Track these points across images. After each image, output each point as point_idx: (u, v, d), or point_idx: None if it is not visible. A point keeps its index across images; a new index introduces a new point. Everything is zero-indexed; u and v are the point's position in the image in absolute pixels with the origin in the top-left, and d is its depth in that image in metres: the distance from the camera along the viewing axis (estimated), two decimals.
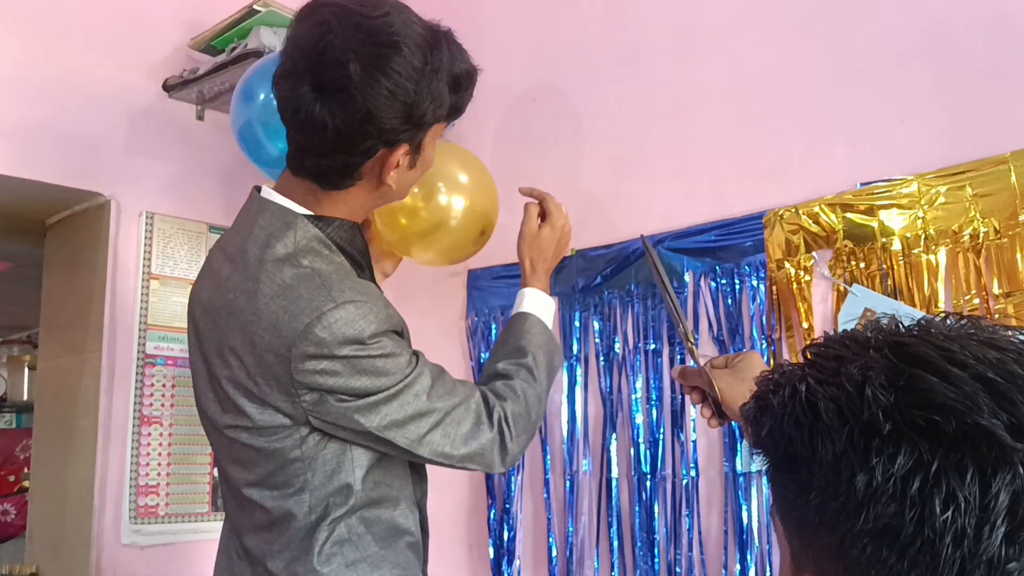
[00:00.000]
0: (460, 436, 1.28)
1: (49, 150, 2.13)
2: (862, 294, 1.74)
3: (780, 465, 0.62)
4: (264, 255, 1.24)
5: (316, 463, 1.25)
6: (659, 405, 2.00)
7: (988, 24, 1.65)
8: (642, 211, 2.10)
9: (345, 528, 1.26)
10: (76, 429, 2.19)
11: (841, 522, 0.56)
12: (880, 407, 0.56)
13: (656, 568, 1.95)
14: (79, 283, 2.27)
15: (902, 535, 0.54)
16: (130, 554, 2.13)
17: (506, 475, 2.22)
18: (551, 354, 1.47)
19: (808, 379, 0.60)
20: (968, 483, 0.53)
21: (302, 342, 1.17)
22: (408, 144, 1.27)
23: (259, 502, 1.27)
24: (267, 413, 1.23)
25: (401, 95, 1.20)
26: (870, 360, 0.58)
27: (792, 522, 0.62)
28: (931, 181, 1.67)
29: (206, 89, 2.30)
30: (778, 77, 1.91)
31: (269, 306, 1.20)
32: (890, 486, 0.54)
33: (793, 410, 0.60)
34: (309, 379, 1.19)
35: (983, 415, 0.54)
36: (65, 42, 2.18)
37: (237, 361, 1.23)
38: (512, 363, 1.41)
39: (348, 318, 1.19)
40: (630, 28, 2.20)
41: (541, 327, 1.49)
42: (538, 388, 1.40)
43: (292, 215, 1.28)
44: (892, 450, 0.55)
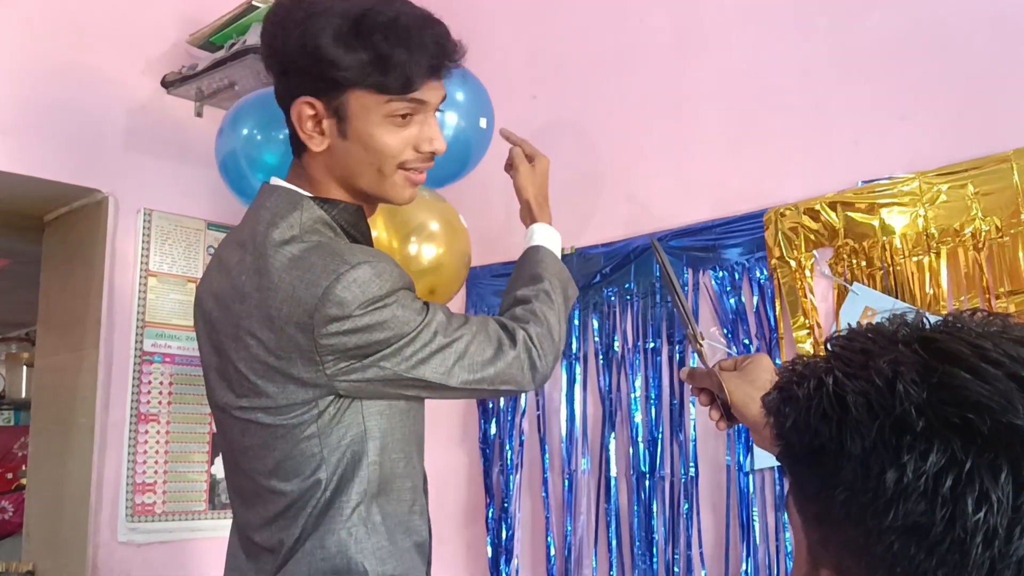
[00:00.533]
0: (485, 360, 1.29)
1: (47, 146, 2.12)
2: (863, 293, 1.73)
3: (803, 458, 0.61)
4: (270, 233, 1.24)
5: (330, 438, 1.24)
6: (658, 404, 1.99)
7: (990, 22, 1.64)
8: (642, 209, 2.09)
9: (362, 513, 1.25)
10: (73, 426, 2.18)
11: (868, 518, 0.55)
12: (912, 403, 0.55)
13: (655, 567, 1.94)
14: (77, 280, 2.26)
15: (932, 533, 0.53)
16: (127, 552, 2.12)
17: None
18: (565, 282, 1.49)
19: (835, 372, 0.59)
20: (1002, 483, 0.52)
21: (324, 306, 1.17)
22: (312, 99, 1.24)
23: (278, 488, 1.26)
24: (288, 390, 1.22)
25: (299, 30, 1.22)
26: (900, 355, 0.57)
27: (812, 516, 0.61)
28: (932, 179, 1.67)
29: (205, 85, 2.28)
30: (779, 75, 1.90)
31: (283, 279, 1.20)
32: (921, 483, 0.53)
33: (820, 403, 0.58)
34: (333, 341, 1.19)
35: (1019, 415, 0.53)
36: (63, 38, 2.17)
37: (255, 340, 1.22)
38: (529, 289, 1.43)
39: (365, 278, 1.19)
40: (630, 26, 2.19)
41: (553, 258, 1.52)
42: (556, 310, 1.42)
43: (298, 196, 1.29)
44: (924, 447, 0.54)
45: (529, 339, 1.34)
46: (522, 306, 1.40)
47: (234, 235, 1.36)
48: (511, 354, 1.32)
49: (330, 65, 1.21)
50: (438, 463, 2.05)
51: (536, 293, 1.42)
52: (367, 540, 1.25)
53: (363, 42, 1.22)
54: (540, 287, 1.43)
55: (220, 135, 1.96)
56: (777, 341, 1.83)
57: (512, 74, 2.39)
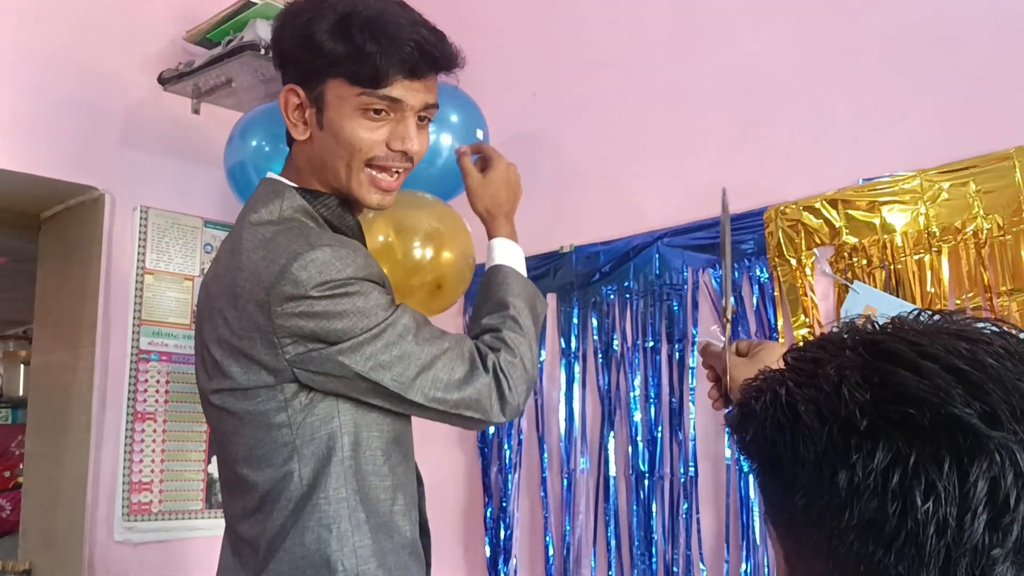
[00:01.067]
0: (454, 381, 1.25)
1: (43, 143, 2.11)
2: (864, 291, 1.72)
3: (766, 469, 0.63)
4: (248, 217, 1.27)
5: (303, 429, 1.23)
6: (657, 403, 1.98)
7: (992, 19, 1.63)
8: (641, 207, 2.08)
9: (342, 510, 1.23)
10: (69, 425, 2.17)
11: (827, 520, 0.57)
12: (857, 405, 0.57)
13: (654, 567, 1.93)
14: (73, 278, 2.25)
15: (886, 528, 0.55)
16: (123, 551, 2.11)
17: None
18: (532, 300, 1.43)
19: (787, 383, 0.61)
20: (946, 473, 0.54)
21: (279, 283, 1.17)
22: (295, 86, 1.29)
23: (250, 478, 1.25)
24: (251, 371, 1.22)
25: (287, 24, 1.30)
26: (845, 360, 0.60)
27: (782, 524, 0.63)
28: (934, 177, 1.65)
29: (202, 82, 2.27)
30: (779, 72, 1.89)
31: (250, 257, 1.21)
32: (871, 481, 0.55)
33: (774, 414, 0.61)
34: (289, 323, 1.18)
35: (956, 405, 0.55)
36: (60, 34, 2.16)
37: (222, 319, 1.23)
38: (496, 316, 1.37)
39: (324, 259, 1.19)
40: (629, 23, 2.18)
41: (515, 276, 1.44)
42: (527, 336, 1.37)
43: (282, 185, 1.31)
44: (871, 446, 0.56)
45: (499, 367, 1.29)
46: (491, 334, 1.35)
47: None
48: (483, 379, 1.27)
49: (312, 54, 1.26)
50: (436, 463, 2.04)
51: (503, 320, 1.36)
52: (349, 538, 1.23)
53: (344, 35, 1.25)
54: (507, 313, 1.37)
55: (229, 144, 1.99)
56: (777, 340, 1.82)
57: (512, 72, 2.38)
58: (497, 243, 1.48)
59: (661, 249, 2.02)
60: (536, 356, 1.38)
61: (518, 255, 1.49)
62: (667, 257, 2.01)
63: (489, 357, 1.29)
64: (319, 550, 1.22)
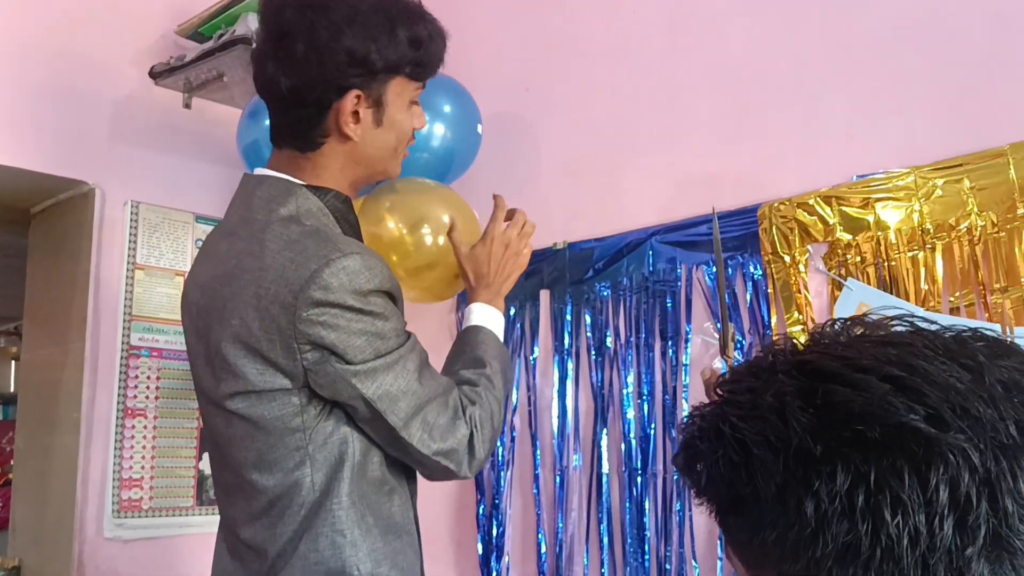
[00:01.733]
0: (439, 427, 1.26)
1: (33, 137, 2.09)
2: (857, 288, 1.71)
3: (728, 510, 0.62)
4: (269, 217, 1.25)
5: (317, 434, 1.23)
6: (651, 400, 1.97)
7: (986, 15, 1.62)
8: (635, 203, 2.07)
9: (353, 516, 1.24)
10: (59, 421, 2.16)
11: (802, 551, 0.56)
12: (805, 430, 0.56)
13: (646, 565, 1.93)
14: (63, 273, 2.23)
15: (862, 549, 0.54)
16: (113, 548, 2.09)
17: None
18: (506, 365, 1.45)
19: (730, 418, 0.60)
20: (908, 484, 0.54)
21: (309, 287, 1.17)
22: (360, 91, 1.29)
23: (259, 483, 1.24)
24: (267, 374, 1.21)
25: (340, 34, 1.25)
26: (781, 385, 0.59)
27: (752, 561, 0.62)
28: (928, 174, 1.65)
29: (193, 76, 2.26)
30: (773, 67, 1.89)
31: (276, 259, 1.20)
32: (838, 504, 0.55)
33: (725, 452, 0.60)
34: (312, 330, 1.18)
35: (901, 413, 0.55)
36: (50, 28, 2.14)
37: (238, 320, 1.21)
38: (472, 372, 1.39)
39: (355, 268, 1.19)
40: (622, 17, 2.17)
41: (494, 339, 1.47)
42: (499, 397, 1.38)
43: (292, 184, 1.30)
44: (829, 469, 0.55)
45: (474, 420, 1.30)
46: (468, 386, 1.36)
47: (223, 225, 1.37)
48: (462, 431, 1.28)
49: (377, 54, 1.27)
50: None
51: (479, 377, 1.38)
52: (362, 542, 1.23)
53: (412, 37, 1.31)
54: (483, 372, 1.39)
55: (241, 127, 2.02)
56: (771, 336, 1.81)
57: (505, 66, 2.37)
58: (475, 307, 1.50)
59: (654, 245, 2.01)
60: (502, 419, 1.39)
61: (497, 321, 1.50)
62: (660, 253, 2.00)
63: (468, 409, 1.31)
64: (334, 555, 1.22)
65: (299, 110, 1.29)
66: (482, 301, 1.50)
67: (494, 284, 1.52)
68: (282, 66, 1.27)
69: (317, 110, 1.29)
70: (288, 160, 1.32)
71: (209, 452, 1.38)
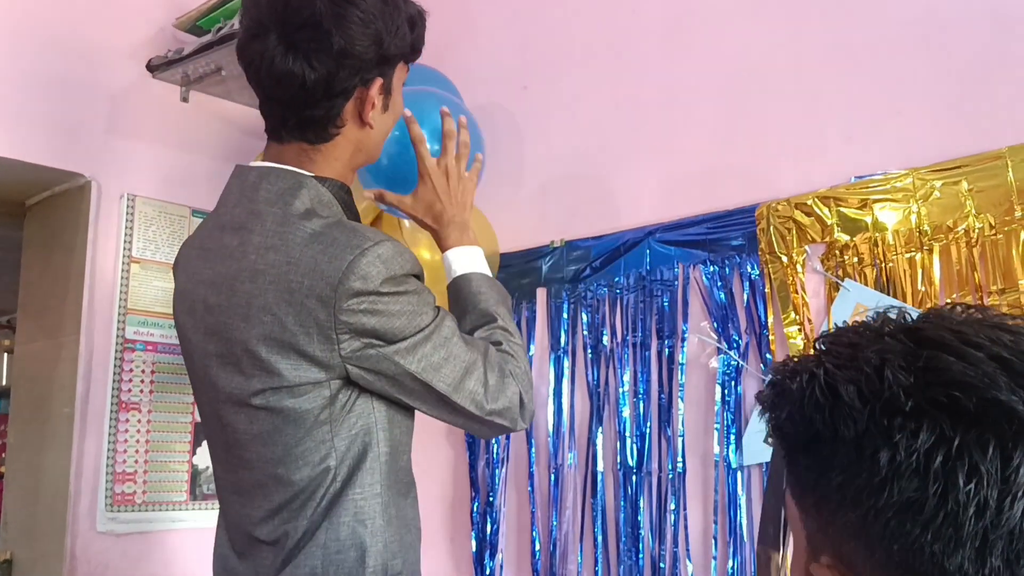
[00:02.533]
0: (492, 387, 1.28)
1: (29, 129, 2.08)
2: (855, 289, 1.71)
3: (799, 448, 0.63)
4: (287, 211, 1.24)
5: (342, 427, 1.24)
6: (646, 399, 1.97)
7: (985, 18, 1.63)
8: (632, 202, 2.07)
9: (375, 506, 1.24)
10: (52, 414, 2.15)
11: (864, 498, 0.58)
12: (900, 386, 0.57)
13: (640, 563, 1.93)
14: (58, 266, 2.22)
15: (926, 508, 0.56)
16: (105, 542, 2.08)
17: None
18: (507, 305, 1.46)
19: (825, 364, 0.61)
20: (990, 457, 0.55)
21: (348, 278, 1.17)
22: (382, 80, 1.30)
23: (284, 478, 1.24)
24: (301, 368, 1.20)
25: (371, 22, 1.25)
26: (886, 345, 0.60)
27: (810, 505, 0.63)
28: (926, 175, 1.65)
29: (191, 70, 2.25)
30: (772, 68, 1.89)
31: (305, 252, 1.19)
32: (913, 460, 0.56)
33: (813, 393, 0.61)
34: (352, 319, 1.18)
35: (1002, 391, 0.56)
36: (48, 18, 2.13)
37: (271, 316, 1.20)
38: (487, 330, 1.39)
39: (388, 254, 1.20)
40: (621, 17, 2.17)
41: (487, 282, 1.44)
42: (519, 342, 1.40)
43: (301, 175, 1.28)
44: (914, 426, 0.56)
45: (517, 377, 1.33)
46: (495, 346, 1.36)
47: (221, 220, 1.32)
48: (512, 388, 1.31)
49: (392, 43, 1.28)
50: (422, 456, 2.02)
51: (492, 332, 1.38)
52: (381, 532, 1.24)
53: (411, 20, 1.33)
54: (497, 325, 1.39)
55: None
56: (767, 336, 1.82)
57: (503, 64, 2.37)
58: (450, 254, 1.46)
59: (652, 244, 2.01)
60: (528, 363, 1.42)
61: (478, 258, 1.46)
62: (658, 253, 2.00)
63: (508, 365, 1.33)
64: (355, 544, 1.22)
65: (324, 102, 1.26)
66: (453, 244, 1.46)
67: (456, 218, 1.48)
68: (309, 56, 1.22)
69: (341, 100, 1.27)
70: (296, 152, 1.30)
71: (219, 455, 1.34)
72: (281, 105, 1.29)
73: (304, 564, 1.22)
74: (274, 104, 1.30)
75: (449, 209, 1.48)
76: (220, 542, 1.36)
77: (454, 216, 1.48)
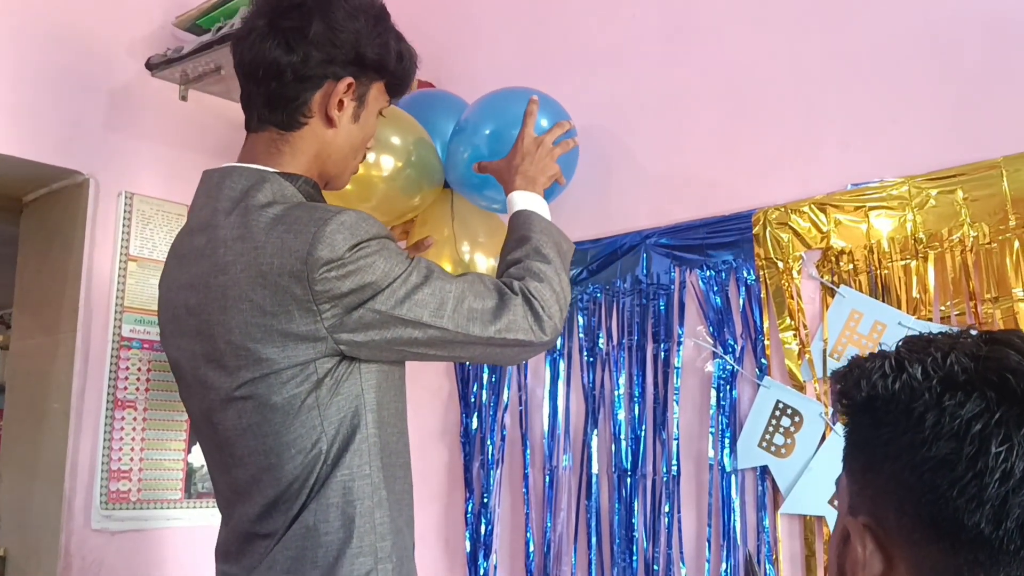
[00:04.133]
0: (488, 310, 1.30)
1: (27, 125, 2.08)
2: (850, 295, 1.73)
3: (859, 408, 0.70)
4: (248, 202, 1.26)
5: (330, 410, 1.25)
6: (642, 402, 1.98)
7: (982, 27, 1.64)
8: (631, 206, 2.08)
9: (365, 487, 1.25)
10: (48, 411, 2.15)
11: (905, 453, 0.65)
12: (961, 367, 0.65)
13: (634, 565, 1.94)
14: (55, 263, 2.22)
15: (957, 467, 0.62)
16: (100, 539, 2.09)
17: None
18: (556, 237, 1.50)
19: (899, 347, 0.70)
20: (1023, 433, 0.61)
21: (315, 249, 1.19)
22: (353, 80, 1.34)
23: (277, 467, 1.25)
24: (288, 348, 1.22)
25: (355, 19, 1.32)
26: (958, 342, 0.68)
27: (858, 468, 0.70)
28: (922, 184, 1.67)
29: (190, 69, 2.25)
30: (770, 75, 1.90)
31: (271, 236, 1.22)
32: (955, 425, 0.63)
33: (882, 366, 0.68)
34: (328, 287, 1.20)
35: None
36: (47, 15, 2.13)
37: (248, 303, 1.22)
38: (518, 251, 1.45)
39: (352, 220, 1.23)
40: (621, 23, 2.18)
41: (538, 217, 1.53)
42: (551, 263, 1.43)
43: (263, 172, 1.31)
44: (963, 397, 0.63)
45: (527, 292, 1.35)
46: (514, 267, 1.42)
47: (191, 223, 1.36)
48: (514, 303, 1.33)
49: (371, 49, 1.33)
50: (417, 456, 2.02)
51: (527, 253, 1.44)
52: (371, 514, 1.25)
53: (400, 51, 1.39)
54: (529, 246, 1.45)
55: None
56: (763, 341, 1.83)
57: (502, 69, 2.37)
58: (515, 195, 1.58)
59: (648, 249, 2.02)
60: (565, 282, 1.44)
61: (539, 203, 1.58)
62: (655, 257, 2.01)
63: (515, 284, 1.36)
64: (343, 525, 1.23)
65: (294, 84, 1.31)
66: (518, 188, 1.59)
67: (529, 172, 1.62)
68: (288, 39, 1.30)
69: (311, 86, 1.32)
70: (266, 143, 1.34)
71: (213, 457, 1.35)
72: (255, 85, 1.34)
73: (292, 545, 1.23)
74: (250, 86, 1.35)
75: (527, 165, 1.63)
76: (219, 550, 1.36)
77: (528, 170, 1.62)
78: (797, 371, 1.78)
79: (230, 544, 1.32)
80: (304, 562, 1.22)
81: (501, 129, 1.82)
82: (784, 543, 1.76)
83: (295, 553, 1.23)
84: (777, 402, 1.79)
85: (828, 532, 1.70)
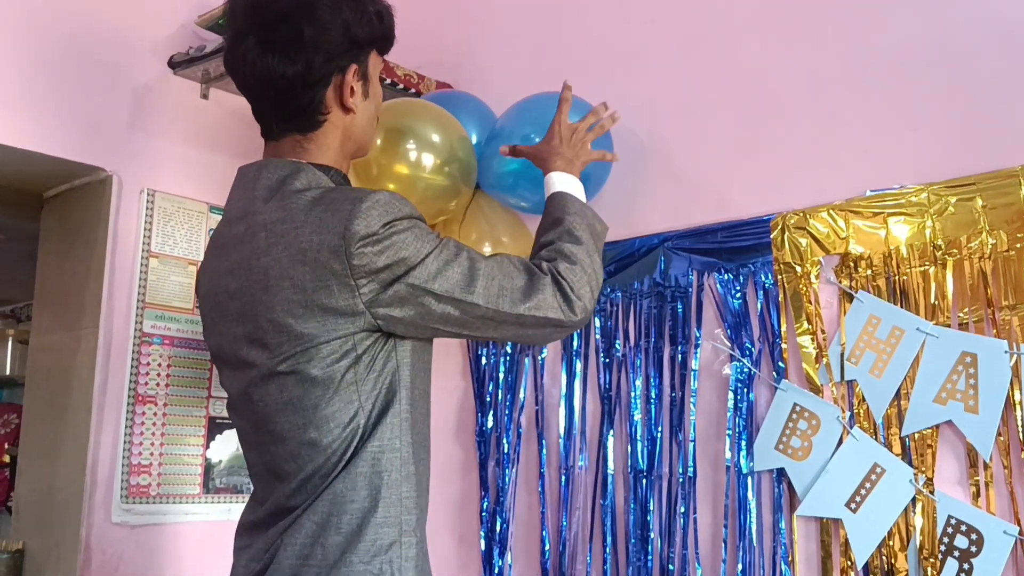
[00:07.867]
0: (518, 288, 1.33)
1: (50, 122, 2.10)
2: (868, 301, 1.75)
3: None
4: (286, 188, 1.30)
5: (366, 385, 1.28)
6: (658, 403, 2.00)
7: (1001, 37, 1.66)
8: (648, 208, 2.10)
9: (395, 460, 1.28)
10: (68, 406, 2.17)
11: None
12: None
13: (649, 565, 1.96)
14: (76, 259, 2.24)
15: None
16: (120, 533, 2.11)
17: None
18: (590, 219, 1.52)
19: None
20: None
21: (352, 223, 1.22)
22: (356, 65, 1.38)
23: (317, 441, 1.27)
24: (329, 323, 1.25)
25: (338, 11, 1.34)
26: None
27: None
28: (941, 191, 1.69)
29: (212, 68, 2.27)
30: (789, 81, 1.92)
31: (309, 215, 1.25)
32: None
33: None
34: (364, 261, 1.23)
35: None
36: (70, 13, 2.15)
37: (288, 281, 1.25)
38: (550, 233, 1.47)
39: (386, 199, 1.26)
40: (639, 27, 2.20)
41: (573, 199, 1.55)
42: (583, 245, 1.45)
43: (298, 163, 1.35)
44: None
45: (557, 273, 1.38)
46: (546, 249, 1.44)
47: (228, 216, 1.40)
48: (544, 282, 1.35)
49: (360, 29, 1.36)
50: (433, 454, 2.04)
51: (559, 235, 1.46)
52: (397, 487, 1.28)
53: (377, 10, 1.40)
54: (561, 228, 1.47)
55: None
56: (780, 345, 1.85)
57: (519, 73, 2.39)
58: (555, 175, 1.61)
59: (667, 251, 2.04)
60: (597, 263, 1.46)
61: (575, 184, 1.61)
62: (672, 259, 2.03)
63: (544, 265, 1.38)
64: (369, 495, 1.26)
65: (306, 92, 1.34)
66: (556, 169, 1.62)
67: (566, 154, 1.66)
68: (285, 51, 1.32)
69: (321, 87, 1.35)
70: (291, 145, 1.37)
71: (249, 438, 1.37)
72: (268, 102, 1.37)
73: (319, 510, 1.25)
74: (262, 103, 1.38)
75: (563, 147, 1.67)
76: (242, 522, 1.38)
77: (564, 152, 1.66)
78: (814, 375, 1.80)
79: (258, 519, 1.34)
80: (328, 528, 1.25)
81: (540, 134, 1.83)
82: (800, 545, 1.78)
83: (320, 519, 1.25)
84: (794, 405, 1.81)
85: (844, 535, 1.72)
